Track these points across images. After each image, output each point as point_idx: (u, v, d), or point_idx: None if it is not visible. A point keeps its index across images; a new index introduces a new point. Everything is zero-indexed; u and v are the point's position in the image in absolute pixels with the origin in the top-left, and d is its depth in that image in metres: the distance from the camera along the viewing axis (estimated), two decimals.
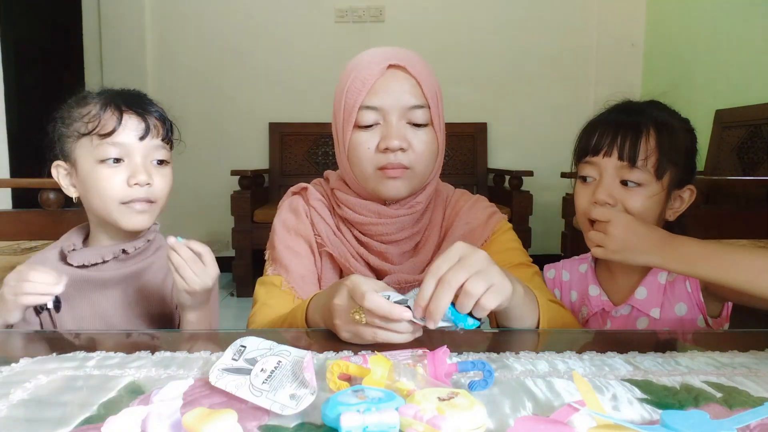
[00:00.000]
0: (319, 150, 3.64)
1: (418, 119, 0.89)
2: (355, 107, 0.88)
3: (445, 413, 0.45)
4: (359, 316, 0.64)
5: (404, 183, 0.90)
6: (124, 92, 0.93)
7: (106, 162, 0.87)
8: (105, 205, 0.89)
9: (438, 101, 0.92)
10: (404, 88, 0.88)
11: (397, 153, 0.87)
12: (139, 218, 0.90)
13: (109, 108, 0.88)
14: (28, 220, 2.15)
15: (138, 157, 0.89)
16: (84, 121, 0.88)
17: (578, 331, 0.79)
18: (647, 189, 0.89)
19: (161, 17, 3.60)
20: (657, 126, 0.90)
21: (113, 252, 0.92)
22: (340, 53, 3.69)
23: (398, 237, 0.94)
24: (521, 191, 3.12)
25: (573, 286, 1.05)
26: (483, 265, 0.64)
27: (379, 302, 0.62)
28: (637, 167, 0.88)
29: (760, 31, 2.47)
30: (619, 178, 0.90)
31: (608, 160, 0.90)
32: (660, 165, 0.88)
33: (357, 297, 0.64)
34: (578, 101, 3.66)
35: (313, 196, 0.99)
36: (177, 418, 0.45)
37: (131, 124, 0.88)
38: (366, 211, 0.93)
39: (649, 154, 0.88)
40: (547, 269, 1.07)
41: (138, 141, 0.88)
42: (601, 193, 0.90)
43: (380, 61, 0.88)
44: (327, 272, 0.96)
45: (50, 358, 0.64)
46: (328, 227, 0.96)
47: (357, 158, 0.90)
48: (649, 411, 0.51)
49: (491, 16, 3.61)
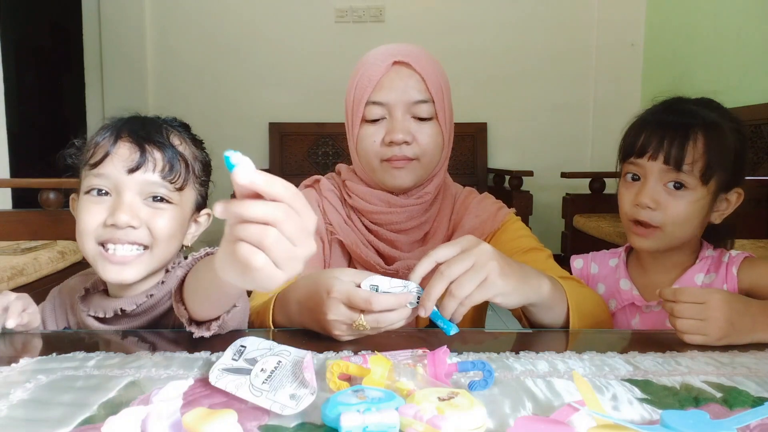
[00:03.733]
0: (319, 150, 3.64)
1: (422, 113, 0.92)
2: (362, 103, 0.92)
3: (445, 413, 0.45)
4: (363, 327, 0.64)
5: (409, 173, 0.93)
6: (140, 117, 0.81)
7: (89, 195, 0.75)
8: (82, 244, 0.75)
9: (443, 95, 0.95)
10: (409, 84, 0.91)
11: (402, 146, 0.91)
12: (120, 271, 0.74)
13: (108, 134, 0.76)
14: (28, 220, 2.15)
15: (127, 193, 0.74)
16: (84, 149, 0.78)
17: (578, 331, 0.79)
18: (692, 194, 0.87)
19: (161, 17, 3.60)
20: (706, 129, 0.86)
21: (114, 309, 0.79)
22: (340, 53, 3.73)
23: (407, 226, 0.96)
24: (521, 191, 3.12)
25: (601, 279, 1.03)
26: (483, 258, 0.65)
27: (387, 301, 0.63)
28: (682, 172, 0.86)
29: (760, 31, 2.47)
30: (664, 181, 0.88)
31: (653, 164, 0.88)
32: (707, 170, 0.85)
33: (361, 304, 0.63)
34: (578, 101, 3.66)
35: (325, 187, 1.03)
36: (177, 418, 0.45)
37: (123, 154, 0.74)
38: (376, 200, 0.96)
39: (696, 159, 0.85)
40: (573, 259, 1.06)
41: (126, 174, 0.73)
42: (644, 196, 0.88)
43: (385, 58, 0.92)
44: (337, 259, 0.99)
45: (50, 358, 0.64)
46: (339, 216, 0.99)
47: (364, 150, 0.94)
48: (649, 411, 0.51)
49: (491, 16, 3.60)
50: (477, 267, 0.65)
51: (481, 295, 0.65)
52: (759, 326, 0.71)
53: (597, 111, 3.66)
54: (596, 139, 3.67)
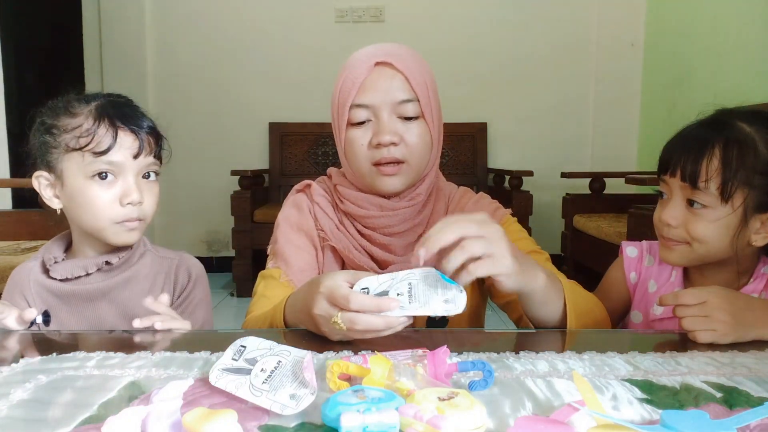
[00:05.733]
0: (319, 150, 3.64)
1: (408, 113, 0.91)
2: (346, 106, 0.91)
3: (445, 413, 0.45)
4: (339, 326, 0.63)
5: (399, 178, 0.92)
6: (114, 102, 0.90)
7: (98, 179, 0.85)
8: (97, 223, 0.86)
9: (429, 93, 0.93)
10: (392, 84, 0.90)
11: (390, 147, 0.89)
12: (130, 235, 0.89)
13: (102, 123, 0.85)
14: (28, 220, 2.15)
15: (130, 175, 0.86)
16: (75, 135, 0.84)
17: (578, 331, 0.79)
18: (713, 212, 0.83)
19: (161, 17, 3.60)
20: (727, 142, 0.82)
21: (97, 264, 0.89)
22: (340, 53, 3.69)
23: (400, 229, 0.95)
24: (521, 191, 3.12)
25: (654, 276, 0.97)
26: (494, 235, 0.66)
27: (363, 302, 0.62)
28: (698, 189, 0.82)
29: (760, 31, 2.47)
30: (686, 198, 0.85)
31: (674, 180, 0.85)
32: (725, 186, 0.81)
33: (340, 302, 0.63)
34: (578, 101, 3.66)
35: (317, 192, 1.01)
36: (177, 418, 0.45)
37: (126, 143, 0.85)
38: (367, 204, 0.95)
39: (711, 176, 0.81)
40: (626, 245, 1.01)
41: (132, 159, 0.86)
42: (665, 214, 0.86)
43: (367, 60, 0.91)
44: (330, 266, 0.98)
45: (50, 358, 0.64)
46: (331, 221, 0.98)
47: (352, 155, 0.93)
48: (649, 411, 0.51)
49: (491, 15, 3.60)
50: (486, 240, 0.65)
51: (487, 269, 0.65)
52: (760, 322, 0.71)
53: (597, 111, 3.66)
54: (596, 139, 3.67)
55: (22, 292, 0.91)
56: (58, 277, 0.89)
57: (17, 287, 0.92)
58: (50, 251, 0.92)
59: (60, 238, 0.96)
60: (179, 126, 3.40)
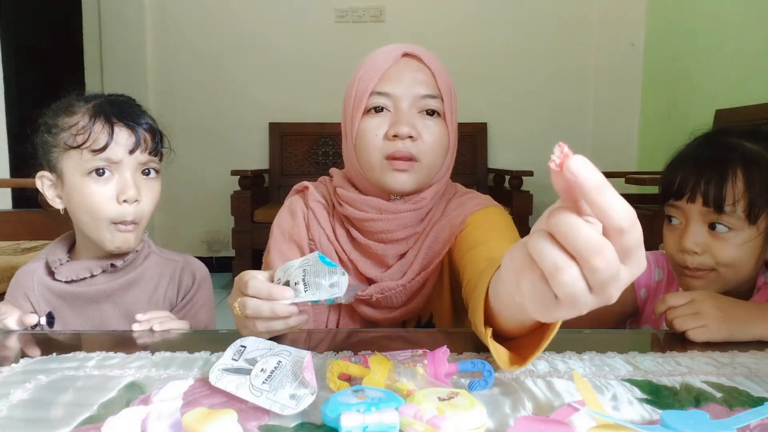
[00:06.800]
0: (319, 150, 3.64)
1: (430, 106, 0.87)
2: (366, 93, 0.87)
3: (445, 413, 0.45)
4: (235, 309, 0.63)
5: (411, 176, 0.87)
6: (113, 100, 0.90)
7: (95, 176, 0.85)
8: (95, 221, 0.86)
9: (452, 96, 0.91)
10: (417, 78, 0.87)
11: (406, 141, 0.85)
12: (125, 238, 0.88)
13: (98, 120, 0.85)
14: (28, 220, 2.15)
15: (127, 171, 0.86)
16: (72, 132, 0.84)
17: (578, 331, 0.79)
18: (739, 235, 0.80)
19: (161, 17, 3.60)
20: (745, 163, 0.79)
21: (102, 266, 0.90)
22: (340, 53, 3.73)
23: (398, 236, 0.90)
24: (521, 191, 3.12)
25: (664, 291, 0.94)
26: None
27: (258, 287, 0.61)
28: (725, 213, 0.79)
29: (760, 31, 2.47)
30: (707, 222, 0.82)
31: (693, 206, 0.82)
32: (752, 208, 0.79)
33: (243, 288, 0.63)
34: (578, 101, 3.66)
35: (313, 197, 0.97)
36: (177, 418, 0.45)
37: (122, 139, 0.85)
38: (367, 206, 0.90)
39: (738, 198, 0.79)
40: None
41: (128, 155, 0.86)
42: (687, 241, 0.83)
43: (394, 50, 0.88)
44: None
45: (50, 358, 0.64)
46: (322, 231, 0.94)
47: (364, 146, 0.87)
48: (649, 411, 0.51)
49: (491, 16, 3.61)
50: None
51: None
52: (753, 318, 0.71)
53: (597, 111, 3.66)
54: (596, 139, 3.67)
55: (25, 294, 0.91)
56: (63, 279, 0.89)
57: (21, 289, 0.91)
58: (54, 253, 0.92)
59: (63, 239, 0.96)
60: (179, 126, 3.40)
